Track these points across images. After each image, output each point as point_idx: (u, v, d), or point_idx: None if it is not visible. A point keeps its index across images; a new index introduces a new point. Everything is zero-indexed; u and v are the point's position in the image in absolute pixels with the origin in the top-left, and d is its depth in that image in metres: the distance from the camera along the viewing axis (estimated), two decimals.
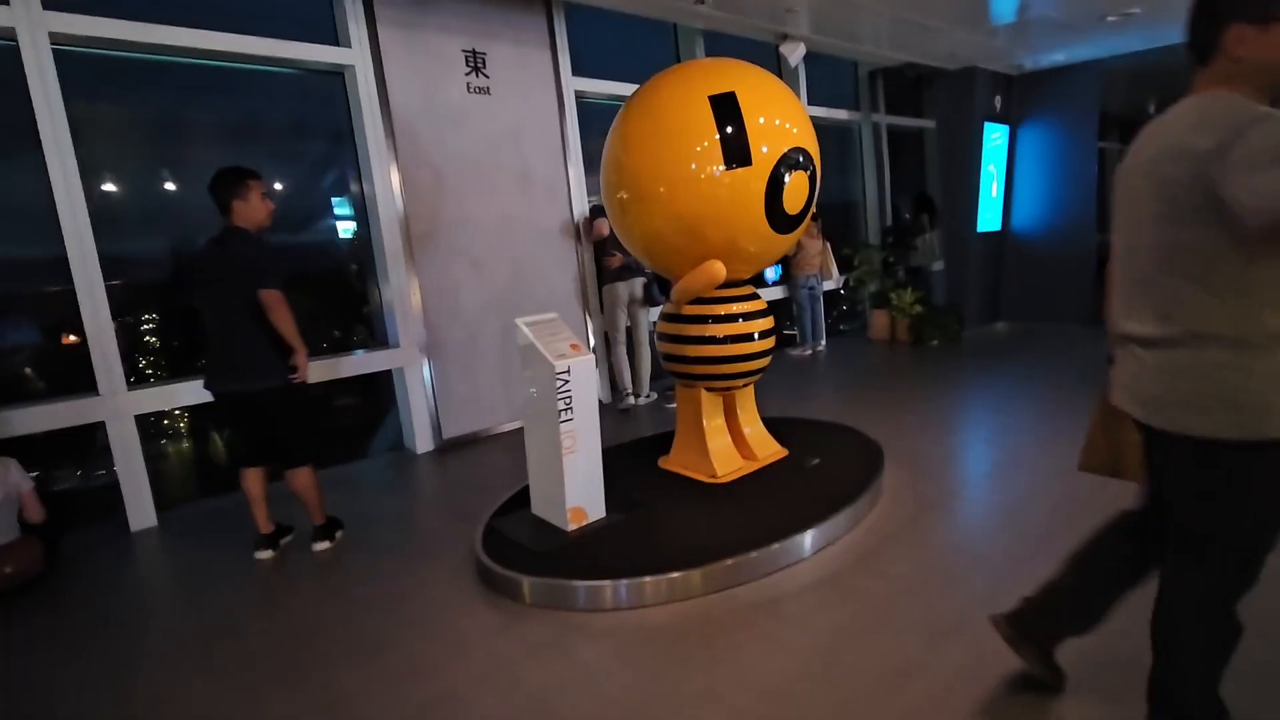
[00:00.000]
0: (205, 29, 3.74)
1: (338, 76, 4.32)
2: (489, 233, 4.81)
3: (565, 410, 2.87)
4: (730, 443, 3.62)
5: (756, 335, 3.48)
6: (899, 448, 4.05)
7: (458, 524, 3.34)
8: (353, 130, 4.35)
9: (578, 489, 2.97)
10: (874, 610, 2.42)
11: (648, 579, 2.56)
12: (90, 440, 3.95)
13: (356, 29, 4.20)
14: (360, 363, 4.39)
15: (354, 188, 4.52)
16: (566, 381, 2.86)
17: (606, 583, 2.57)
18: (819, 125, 2.85)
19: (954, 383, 5.68)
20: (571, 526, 2.97)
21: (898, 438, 4.25)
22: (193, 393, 3.63)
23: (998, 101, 7.54)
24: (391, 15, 4.32)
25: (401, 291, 4.46)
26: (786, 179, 3.09)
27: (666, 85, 3.15)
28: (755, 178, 3.02)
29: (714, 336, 3.40)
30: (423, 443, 4.61)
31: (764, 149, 3.02)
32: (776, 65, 6.74)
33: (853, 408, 5.08)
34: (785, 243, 3.38)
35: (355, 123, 4.32)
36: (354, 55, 4.20)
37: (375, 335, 4.69)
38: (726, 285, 3.46)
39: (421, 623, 2.55)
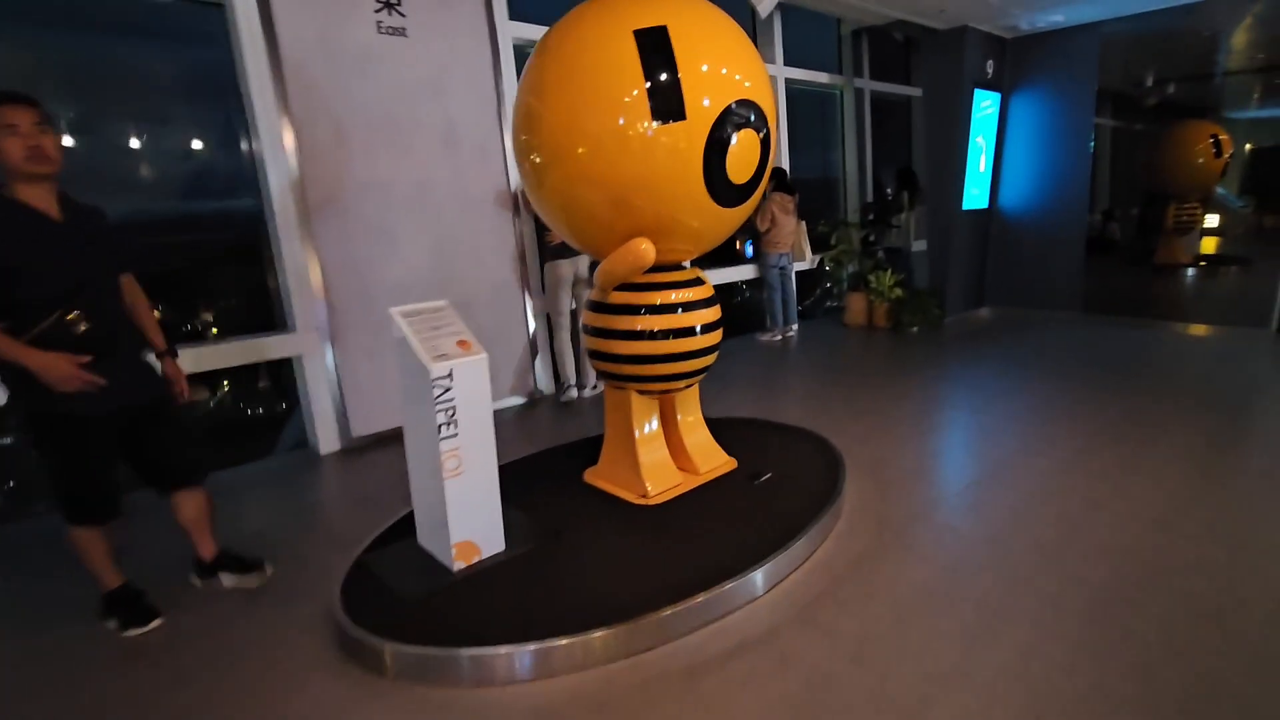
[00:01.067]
0: None
1: (218, 9, 3.62)
2: (404, 200, 4.17)
3: (448, 424, 2.31)
4: (666, 456, 3.09)
5: (699, 329, 2.92)
6: (865, 455, 3.55)
7: (337, 552, 2.78)
8: (235, 76, 3.66)
9: (466, 520, 2.42)
10: (810, 686, 1.92)
11: (531, 646, 2.03)
12: None
13: None
14: (245, 350, 3.77)
15: (243, 145, 3.85)
16: (448, 389, 2.29)
17: (480, 651, 2.03)
18: (795, 89, 2.36)
19: (932, 375, 5.18)
20: (458, 565, 2.43)
21: (864, 442, 3.74)
22: None
23: (990, 66, 6.93)
24: None
25: (297, 267, 3.83)
26: (732, 140, 2.50)
27: (586, 16, 2.53)
28: (691, 136, 2.43)
29: (647, 331, 2.84)
30: (326, 442, 4.03)
31: (704, 101, 2.42)
32: (750, 19, 6.08)
33: (819, 404, 4.56)
34: (732, 218, 2.80)
35: (238, 67, 3.64)
36: None
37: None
38: (665, 269, 2.90)
39: (244, 700, 2.00)
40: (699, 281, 3.00)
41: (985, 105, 6.99)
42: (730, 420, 3.97)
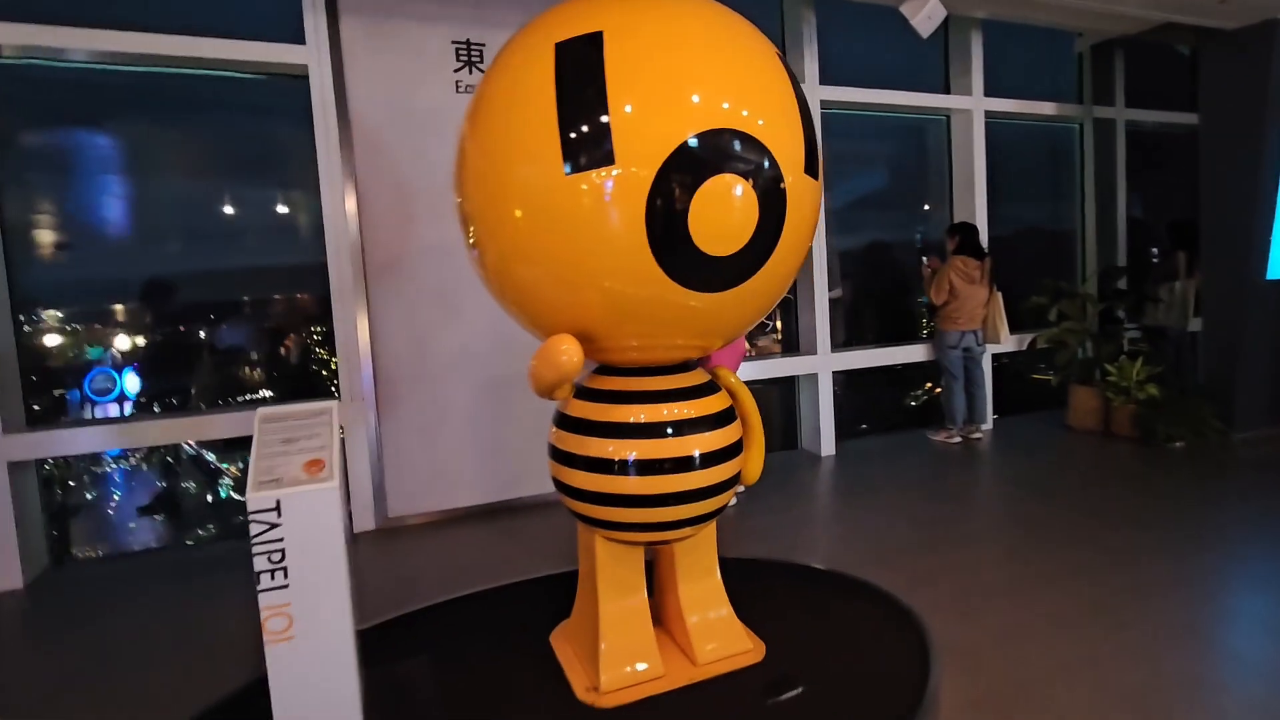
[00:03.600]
0: (133, 30, 3.30)
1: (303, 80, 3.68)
2: (469, 263, 3.84)
3: (273, 572, 1.74)
4: (646, 633, 2.17)
5: (699, 459, 2.02)
6: (1003, 672, 2.23)
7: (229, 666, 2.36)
8: (314, 143, 3.65)
9: (298, 703, 1.80)
10: None
11: None
12: None
13: (314, 21, 3.53)
14: None
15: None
16: (273, 525, 1.72)
17: None
18: (1004, 125, 1.47)
19: (1192, 528, 3.39)
20: None
21: (1012, 642, 2.39)
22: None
23: None
24: (358, 3, 3.59)
25: (348, 333, 3.67)
26: (700, 190, 1.63)
27: (521, 31, 1.88)
28: (627, 187, 1.62)
29: (618, 461, 2.01)
30: (360, 520, 3.76)
31: (651, 135, 1.61)
32: (938, 44, 4.90)
33: (967, 556, 3.16)
34: (730, 306, 1.88)
35: (315, 134, 3.64)
36: (307, 53, 3.53)
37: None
38: (654, 371, 2.07)
39: None
40: (707, 389, 2.10)
41: None
42: (795, 569, 2.88)
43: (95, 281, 3.84)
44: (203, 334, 4.09)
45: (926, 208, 5.90)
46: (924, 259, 5.25)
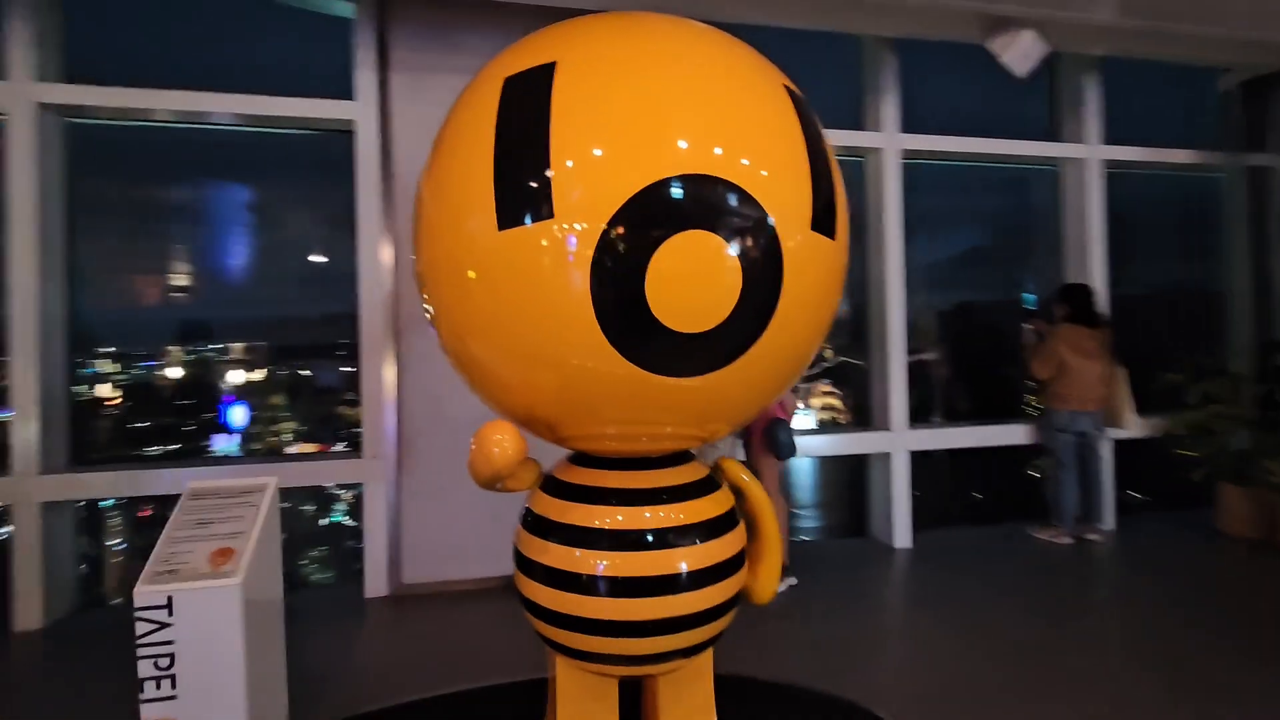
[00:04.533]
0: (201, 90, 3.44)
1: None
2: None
3: (158, 680, 1.50)
4: None
5: (685, 576, 1.62)
6: None
7: None
8: (355, 196, 3.65)
9: None
10: None
11: None
12: None
13: (365, 78, 3.55)
14: (304, 472, 3.57)
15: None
16: (163, 625, 1.49)
17: None
18: (1127, 174, 1.13)
19: None
20: None
21: None
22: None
23: None
24: (408, 59, 3.59)
25: (374, 386, 3.55)
26: (660, 251, 1.29)
27: (487, 64, 1.65)
28: (570, 246, 1.31)
29: (585, 575, 1.64)
30: (374, 585, 3.55)
31: (599, 183, 1.30)
32: (1042, 86, 4.34)
33: (1072, 710, 2.46)
34: (726, 388, 1.51)
35: (356, 186, 3.62)
36: (355, 109, 3.54)
37: None
38: (635, 464, 1.72)
39: None
40: (702, 488, 1.71)
41: None
42: (830, 706, 2.33)
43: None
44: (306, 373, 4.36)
45: (1037, 265, 5.22)
46: (1026, 324, 4.56)
